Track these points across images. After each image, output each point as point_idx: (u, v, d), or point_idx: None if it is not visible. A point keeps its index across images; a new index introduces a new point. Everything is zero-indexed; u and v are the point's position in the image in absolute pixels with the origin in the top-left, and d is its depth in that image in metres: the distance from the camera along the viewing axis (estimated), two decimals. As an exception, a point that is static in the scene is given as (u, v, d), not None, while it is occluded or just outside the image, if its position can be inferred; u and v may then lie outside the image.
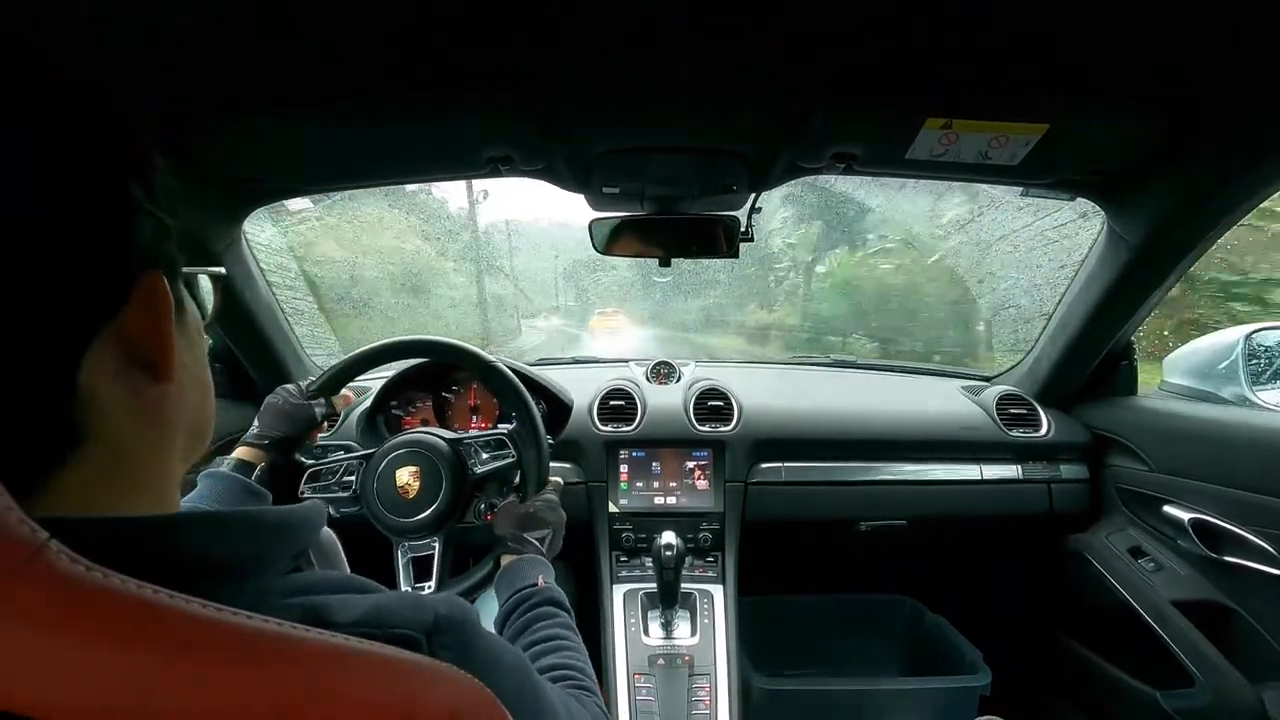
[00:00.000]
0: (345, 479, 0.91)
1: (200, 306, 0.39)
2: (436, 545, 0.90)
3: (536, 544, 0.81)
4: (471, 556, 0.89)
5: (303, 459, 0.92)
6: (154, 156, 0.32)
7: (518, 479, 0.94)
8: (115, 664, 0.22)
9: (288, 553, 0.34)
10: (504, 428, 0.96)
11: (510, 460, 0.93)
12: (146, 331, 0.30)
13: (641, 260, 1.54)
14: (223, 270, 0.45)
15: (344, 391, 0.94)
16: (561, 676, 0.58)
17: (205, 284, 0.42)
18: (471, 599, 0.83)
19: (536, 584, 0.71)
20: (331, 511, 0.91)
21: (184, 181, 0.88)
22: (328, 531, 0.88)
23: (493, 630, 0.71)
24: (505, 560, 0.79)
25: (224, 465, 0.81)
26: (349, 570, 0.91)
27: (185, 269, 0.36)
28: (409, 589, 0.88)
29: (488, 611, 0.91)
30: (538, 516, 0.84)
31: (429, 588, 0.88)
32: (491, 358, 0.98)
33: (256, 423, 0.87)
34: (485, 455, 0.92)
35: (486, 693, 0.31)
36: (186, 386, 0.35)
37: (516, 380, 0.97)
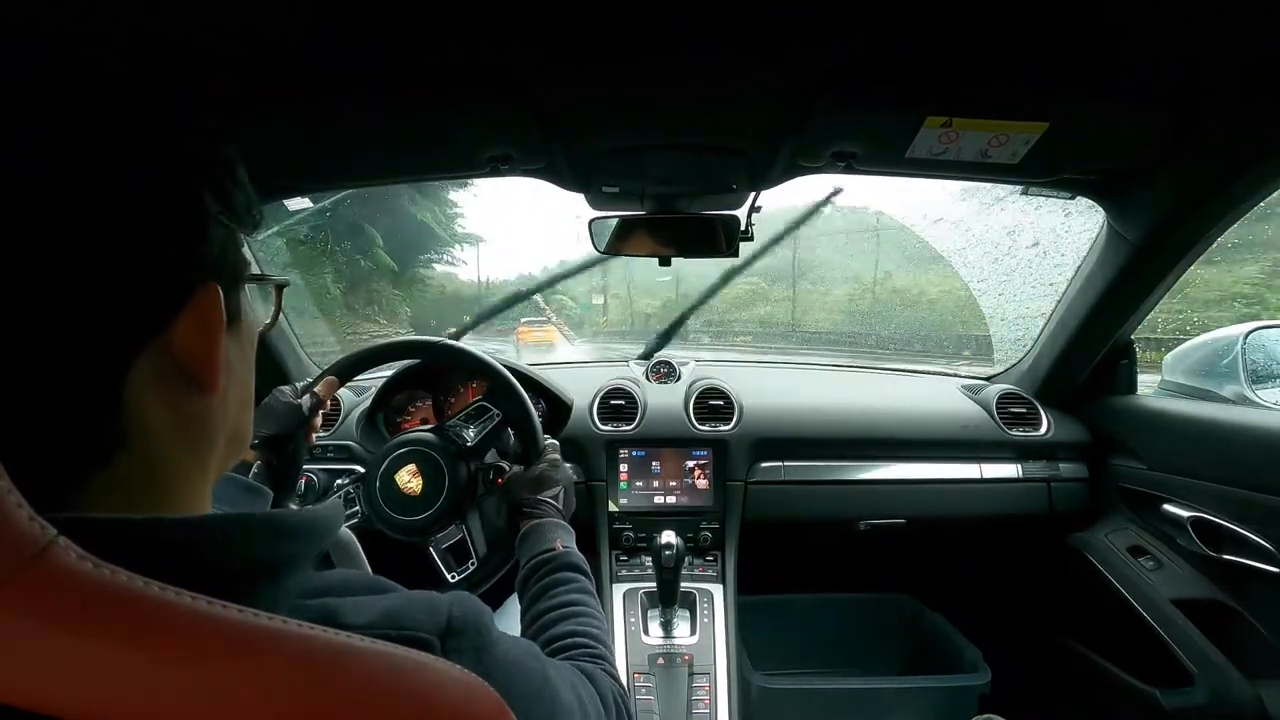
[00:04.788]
0: (350, 510, 0.91)
1: (255, 313, 0.38)
2: (464, 528, 0.91)
3: (552, 503, 0.82)
4: (498, 521, 0.92)
5: (303, 472, 0.93)
6: (235, 165, 0.32)
7: (511, 439, 0.96)
8: (122, 661, 0.22)
9: (309, 554, 0.34)
10: (480, 399, 0.98)
11: (497, 420, 0.94)
12: (196, 345, 0.30)
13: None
14: (287, 280, 0.44)
15: (327, 378, 0.94)
16: (574, 644, 0.58)
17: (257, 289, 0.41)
18: (507, 567, 0.85)
19: (555, 548, 0.72)
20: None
21: None
22: (345, 530, 0.88)
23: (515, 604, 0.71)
24: (525, 525, 0.79)
25: None
26: (369, 568, 0.91)
27: (250, 278, 0.36)
28: (454, 577, 0.90)
29: (510, 615, 0.91)
30: (545, 477, 0.85)
31: (472, 565, 0.90)
32: (454, 342, 1.00)
33: None
34: (472, 429, 0.93)
35: (497, 699, 0.31)
36: (231, 396, 0.34)
37: (479, 352, 0.98)
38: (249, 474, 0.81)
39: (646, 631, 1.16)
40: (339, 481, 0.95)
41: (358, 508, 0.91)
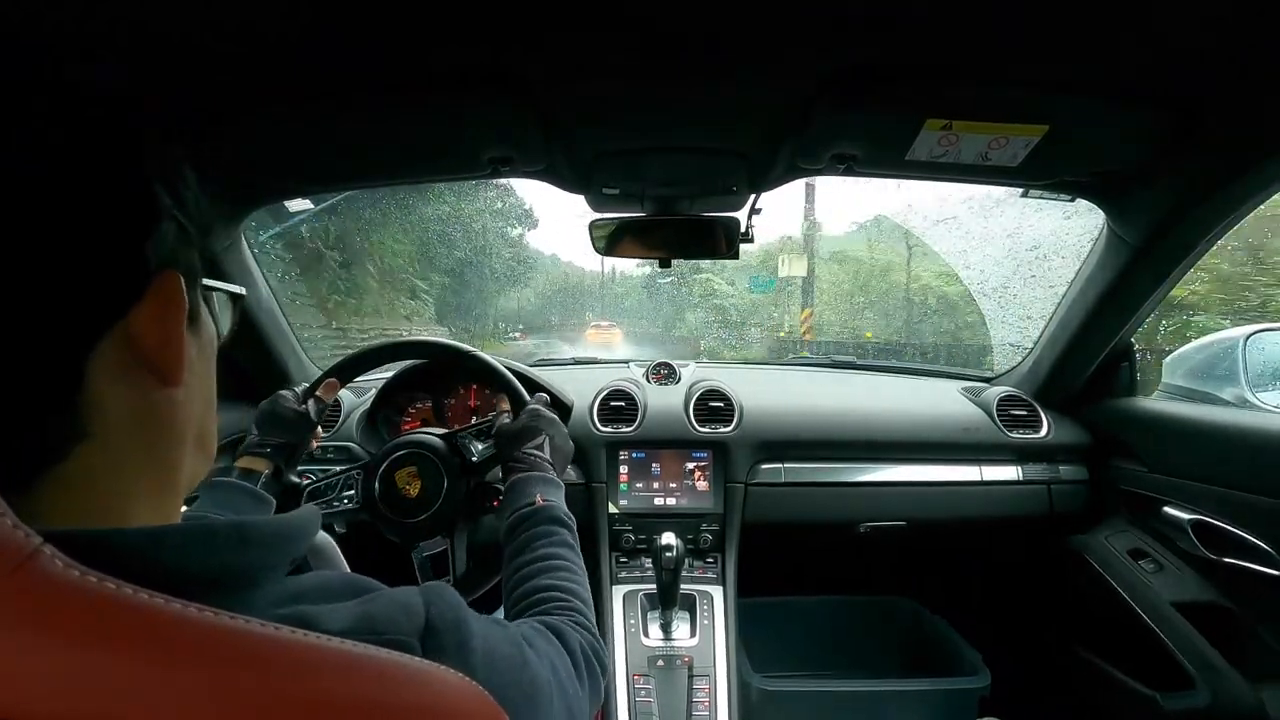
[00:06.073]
0: (346, 493, 0.91)
1: (216, 321, 0.39)
2: (450, 540, 0.90)
3: (536, 454, 0.80)
4: (485, 545, 0.90)
5: (301, 473, 0.92)
6: (185, 169, 0.33)
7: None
8: (110, 668, 0.21)
9: (281, 563, 0.33)
10: (493, 415, 0.98)
11: None
12: (157, 331, 0.30)
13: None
14: (242, 290, 0.45)
15: (328, 380, 0.94)
16: (548, 599, 0.58)
17: (216, 300, 0.42)
18: (490, 585, 0.85)
19: (535, 502, 0.71)
20: (337, 527, 0.92)
21: None
22: (321, 533, 0.88)
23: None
24: (509, 479, 0.78)
25: (230, 475, 0.81)
26: (347, 568, 0.91)
27: (206, 282, 0.36)
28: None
29: None
30: (529, 427, 0.84)
31: (447, 583, 0.89)
32: (455, 343, 1.00)
33: (256, 430, 0.86)
34: (479, 445, 0.93)
35: (481, 693, 0.31)
36: (194, 393, 0.34)
37: (490, 358, 0.99)
38: (258, 483, 0.81)
39: (646, 633, 1.16)
40: (337, 471, 0.94)
41: (353, 491, 0.91)
